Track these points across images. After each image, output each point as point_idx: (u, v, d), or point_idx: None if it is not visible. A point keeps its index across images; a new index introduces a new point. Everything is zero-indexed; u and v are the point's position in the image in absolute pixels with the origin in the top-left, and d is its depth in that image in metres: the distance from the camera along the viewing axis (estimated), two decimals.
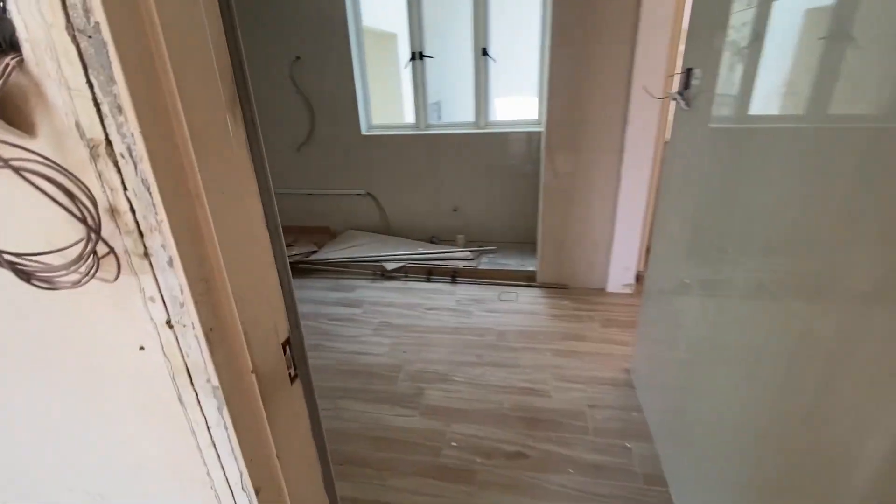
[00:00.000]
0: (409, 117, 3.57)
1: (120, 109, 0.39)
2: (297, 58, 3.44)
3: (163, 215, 0.42)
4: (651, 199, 2.75)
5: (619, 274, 2.92)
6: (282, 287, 0.62)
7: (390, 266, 3.33)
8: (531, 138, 3.32)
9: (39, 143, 0.41)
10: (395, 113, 4.02)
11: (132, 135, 0.39)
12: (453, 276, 3.24)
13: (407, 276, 3.32)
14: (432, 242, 3.70)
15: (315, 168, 3.82)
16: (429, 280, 3.27)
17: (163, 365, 0.50)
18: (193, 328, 0.47)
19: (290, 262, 2.90)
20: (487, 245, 3.56)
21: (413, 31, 3.30)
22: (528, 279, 3.14)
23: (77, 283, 0.44)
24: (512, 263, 3.28)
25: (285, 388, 0.62)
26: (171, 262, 0.44)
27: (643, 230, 2.80)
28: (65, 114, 0.40)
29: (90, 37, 0.36)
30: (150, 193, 0.41)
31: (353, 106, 3.51)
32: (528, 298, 2.96)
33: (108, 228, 0.43)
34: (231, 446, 0.54)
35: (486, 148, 3.42)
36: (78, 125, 0.40)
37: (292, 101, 3.58)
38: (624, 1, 2.37)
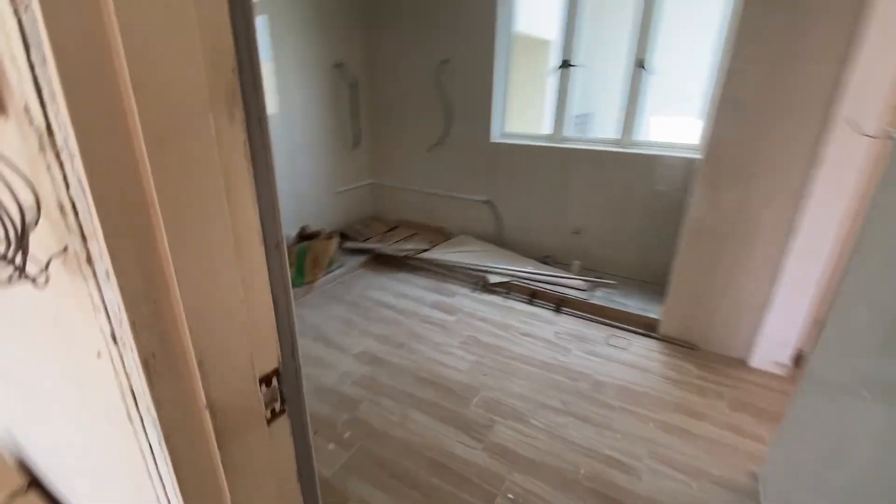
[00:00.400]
0: (548, 127, 3.36)
1: (53, 96, 0.33)
2: (446, 60, 3.49)
3: (97, 222, 0.36)
4: (836, 262, 2.10)
5: (771, 348, 2.32)
6: (277, 313, 0.53)
7: (493, 279, 3.19)
8: (683, 165, 2.84)
9: (10, 125, 0.38)
10: (534, 122, 3.85)
11: (65, 126, 0.34)
12: (559, 304, 2.95)
13: (508, 294, 3.14)
14: (544, 263, 3.45)
15: (442, 170, 3.86)
16: (531, 303, 3.04)
17: (114, 377, 0.45)
18: (132, 351, 0.41)
19: (402, 256, 2.95)
20: (606, 277, 3.18)
21: (565, 38, 3.08)
22: (647, 327, 2.70)
23: (7, 282, 0.42)
24: (631, 304, 2.86)
25: (258, 429, 0.54)
26: (108, 275, 0.38)
27: (815, 299, 2.17)
28: (19, 97, 0.36)
29: (27, 8, 0.31)
30: (84, 195, 0.36)
31: (488, 112, 3.44)
32: (642, 350, 2.54)
33: (60, 225, 0.40)
34: (173, 485, 0.47)
35: (625, 169, 3.03)
36: (27, 110, 0.36)
37: (433, 102, 3.66)
38: (842, 7, 1.83)
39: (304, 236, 3.28)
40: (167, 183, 0.39)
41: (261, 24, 3.08)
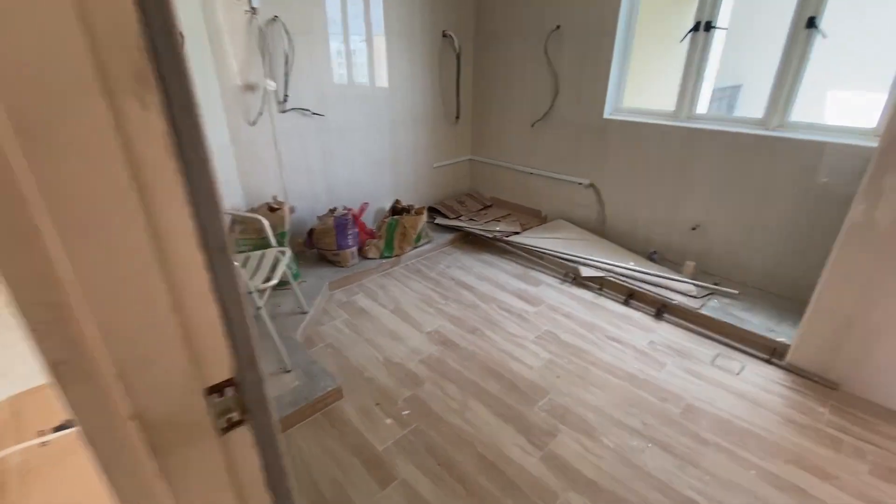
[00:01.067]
0: (672, 103, 2.88)
1: None
2: (557, 27, 3.16)
3: None
4: None
5: None
6: (227, 320, 0.47)
7: (586, 272, 2.90)
8: (850, 154, 2.21)
9: None
10: (661, 96, 3.33)
11: None
12: (660, 309, 2.58)
13: (601, 290, 2.84)
14: (651, 259, 3.04)
15: (544, 147, 3.59)
16: (626, 303, 2.71)
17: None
18: (42, 357, 0.38)
19: (490, 237, 2.86)
20: (726, 284, 2.69)
21: None
22: (770, 351, 2.23)
23: None
24: (754, 321, 2.38)
25: (206, 440, 0.49)
26: None
27: None
28: None
29: None
30: None
31: (603, 84, 3.06)
32: (758, 378, 2.11)
33: None
34: (110, 489, 0.46)
35: (770, 156, 2.47)
36: None
37: (541, 74, 3.38)
38: None
39: (396, 210, 3.33)
40: (50, 177, 0.33)
41: (390, 3, 3.07)
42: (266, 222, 2.24)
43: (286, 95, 2.76)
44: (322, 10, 2.78)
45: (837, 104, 3.61)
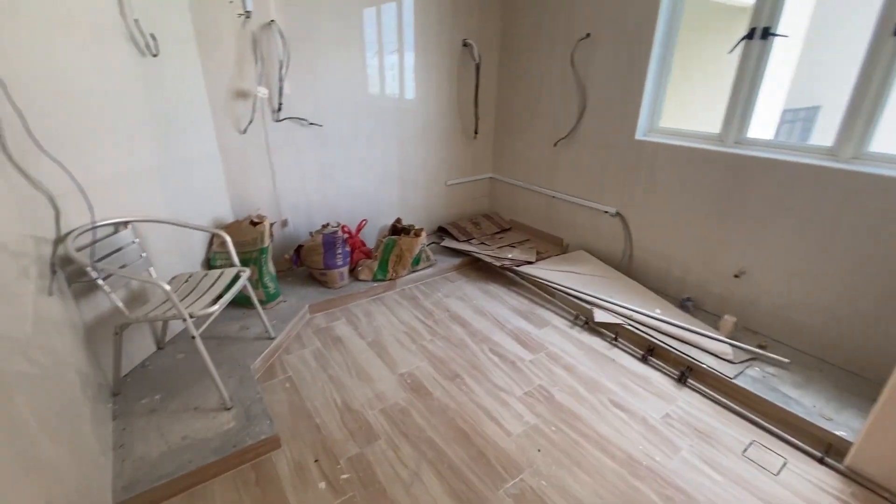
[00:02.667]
0: (718, 125, 2.42)
1: None
2: (587, 35, 2.81)
3: None
4: None
5: None
6: None
7: (600, 316, 2.48)
8: None
9: None
10: (705, 116, 2.87)
11: None
12: (684, 372, 2.12)
13: (616, 340, 2.41)
14: (683, 308, 2.56)
15: (567, 169, 3.21)
16: (644, 360, 2.26)
17: None
18: None
19: (498, 266, 2.51)
20: (772, 349, 2.18)
21: None
22: (825, 447, 1.71)
23: None
24: (805, 403, 1.87)
25: None
26: None
27: None
28: None
29: None
30: None
31: (636, 101, 2.65)
32: (804, 482, 1.61)
33: None
34: None
35: (838, 194, 1.97)
36: None
37: (567, 87, 3.02)
38: None
39: (396, 230, 3.08)
40: None
41: (408, 6, 2.89)
42: (227, 237, 2.05)
43: (280, 104, 2.61)
44: (323, 14, 2.61)
45: None
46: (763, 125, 4.11)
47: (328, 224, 2.85)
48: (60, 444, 1.19)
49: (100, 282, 1.65)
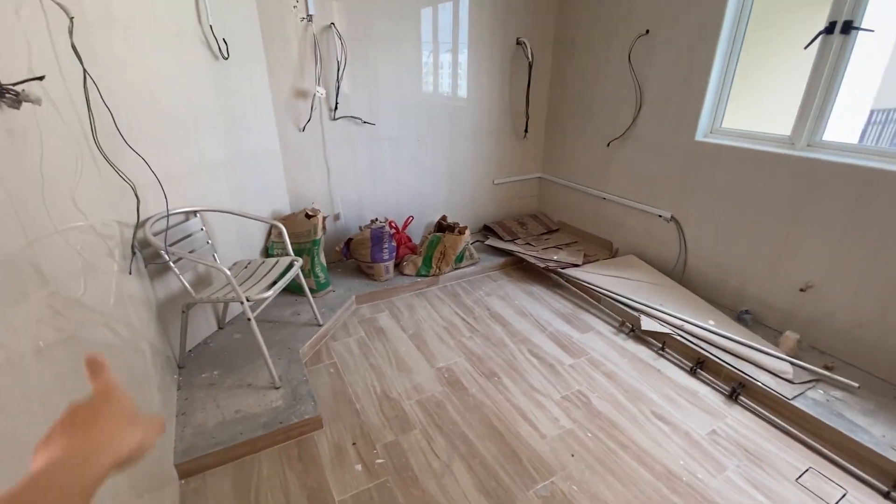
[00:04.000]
0: (789, 126, 2.25)
1: None
2: (647, 31, 2.70)
3: None
4: None
5: None
6: None
7: (647, 324, 2.39)
8: None
9: None
10: (775, 117, 2.66)
11: None
12: (736, 388, 2.00)
13: (663, 350, 2.31)
14: (740, 321, 2.41)
15: (620, 170, 3.11)
16: (693, 373, 2.16)
17: None
18: None
19: (542, 267, 2.53)
20: (839, 371, 2.00)
21: None
22: (893, 481, 1.56)
23: None
24: (873, 431, 1.71)
25: None
26: None
27: None
28: None
29: None
30: None
31: (698, 100, 2.52)
32: None
33: None
34: None
35: None
36: None
37: (623, 85, 2.92)
38: None
39: (441, 227, 3.13)
40: None
41: (463, 5, 2.94)
42: (283, 228, 2.19)
43: (337, 103, 2.73)
44: (380, 15, 2.70)
45: None
46: (846, 127, 3.74)
47: (376, 219, 2.95)
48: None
49: (171, 264, 1.83)
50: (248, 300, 1.80)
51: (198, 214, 2.09)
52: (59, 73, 1.33)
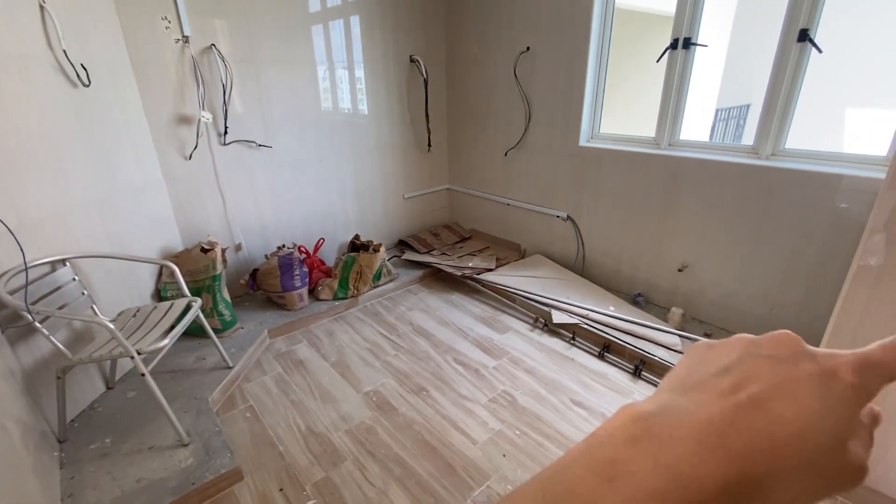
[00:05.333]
0: (652, 129, 2.57)
1: None
2: (527, 49, 2.92)
3: None
4: None
5: None
6: None
7: (558, 317, 2.56)
8: (855, 187, 1.86)
9: None
10: (645, 121, 3.04)
11: None
12: (638, 366, 2.22)
13: (574, 340, 2.49)
14: (635, 304, 2.69)
15: (519, 177, 3.31)
16: (601, 357, 2.35)
17: None
18: None
19: (460, 276, 2.53)
20: (718, 336, 2.31)
21: (681, 9, 2.27)
22: None
23: None
24: None
25: None
26: None
27: None
28: None
29: None
30: None
31: (577, 109, 2.78)
32: None
33: None
34: None
35: (762, 189, 2.13)
36: None
37: (513, 99, 3.12)
38: None
39: (355, 246, 3.08)
40: None
41: (354, 24, 2.93)
42: (175, 268, 2.00)
43: (226, 127, 2.57)
44: (266, 35, 2.60)
45: (847, 128, 3.23)
46: (698, 126, 4.38)
47: (284, 245, 2.82)
48: (0, 500, 1.13)
49: (37, 324, 1.57)
50: (139, 353, 1.61)
51: (67, 263, 1.83)
52: None
